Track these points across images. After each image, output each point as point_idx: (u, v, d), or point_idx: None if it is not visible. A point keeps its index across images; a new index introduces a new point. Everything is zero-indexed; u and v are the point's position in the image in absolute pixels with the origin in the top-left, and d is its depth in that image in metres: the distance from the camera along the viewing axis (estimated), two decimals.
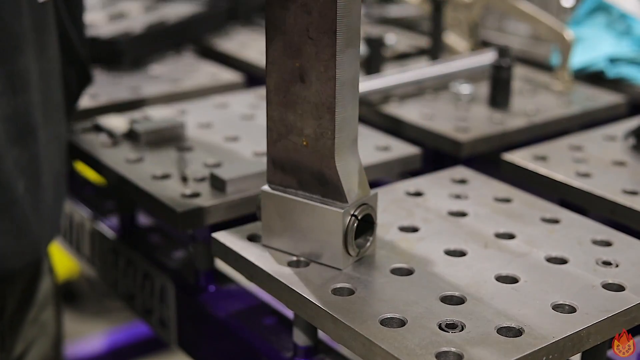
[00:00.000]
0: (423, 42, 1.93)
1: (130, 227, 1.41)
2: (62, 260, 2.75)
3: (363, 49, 1.61)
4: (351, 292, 0.93)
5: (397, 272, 0.97)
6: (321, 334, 1.04)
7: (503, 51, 1.48)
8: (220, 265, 1.24)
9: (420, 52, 1.87)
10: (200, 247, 1.22)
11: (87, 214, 1.49)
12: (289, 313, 1.16)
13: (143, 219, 1.43)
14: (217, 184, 1.16)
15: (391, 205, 1.14)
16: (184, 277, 1.27)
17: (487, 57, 1.64)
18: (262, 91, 1.58)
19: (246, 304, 1.20)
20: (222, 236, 1.04)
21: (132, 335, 2.77)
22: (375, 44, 1.61)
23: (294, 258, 0.99)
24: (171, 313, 1.27)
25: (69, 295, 3.53)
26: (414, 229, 1.08)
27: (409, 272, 0.98)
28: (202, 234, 1.20)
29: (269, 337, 1.12)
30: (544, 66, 1.77)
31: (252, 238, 1.03)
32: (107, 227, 1.43)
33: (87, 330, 3.44)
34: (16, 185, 1.13)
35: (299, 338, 1.05)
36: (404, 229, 1.07)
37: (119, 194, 1.38)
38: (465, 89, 1.54)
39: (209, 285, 1.23)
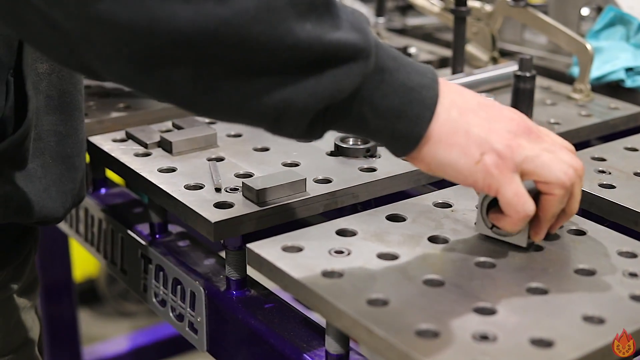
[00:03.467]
0: (442, 51, 1.96)
1: (160, 233, 1.43)
2: (84, 260, 2.79)
3: None
4: (385, 302, 0.95)
5: (429, 283, 1.00)
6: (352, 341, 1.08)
7: (525, 62, 1.50)
8: (251, 271, 1.27)
9: (440, 62, 1.90)
10: (231, 255, 1.24)
11: (117, 221, 1.52)
12: (320, 321, 1.19)
13: (172, 225, 1.46)
14: (250, 194, 1.19)
15: (420, 216, 1.16)
16: (215, 283, 1.29)
17: (509, 68, 1.66)
18: None
19: (277, 311, 1.22)
20: (256, 247, 1.06)
21: (154, 337, 2.79)
22: None
23: (329, 268, 1.02)
24: (202, 319, 1.30)
25: (90, 295, 3.57)
26: (444, 240, 1.10)
27: (440, 283, 1.00)
28: (233, 242, 1.23)
29: (300, 344, 1.15)
30: (560, 77, 1.79)
31: (287, 248, 1.06)
32: (137, 234, 1.46)
33: (108, 332, 3.48)
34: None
35: (331, 346, 1.07)
36: (433, 240, 1.10)
37: (151, 203, 1.40)
38: None
39: (240, 291, 1.26)
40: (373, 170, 1.30)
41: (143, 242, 1.43)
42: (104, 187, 1.63)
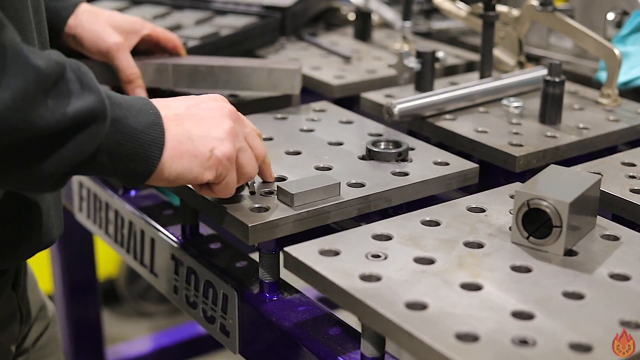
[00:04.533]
0: (468, 55, 1.96)
1: (191, 235, 1.44)
2: (103, 260, 2.80)
3: (415, 63, 1.64)
4: (424, 306, 0.96)
5: (466, 287, 1.01)
6: (388, 344, 1.09)
7: (555, 67, 1.50)
8: (285, 274, 1.28)
9: (467, 66, 1.91)
10: (265, 258, 1.25)
11: (148, 223, 1.53)
12: (354, 323, 1.20)
13: (202, 227, 1.47)
14: (285, 197, 1.20)
15: (454, 220, 1.17)
16: (248, 286, 1.30)
17: (537, 73, 1.67)
18: (317, 105, 1.62)
19: (311, 314, 1.23)
20: (294, 250, 1.07)
21: (176, 338, 2.81)
22: (428, 59, 1.64)
23: (367, 272, 1.02)
24: (234, 322, 1.31)
25: (110, 296, 3.58)
26: (480, 245, 1.11)
27: (478, 287, 1.01)
28: (267, 245, 1.24)
29: (335, 348, 1.15)
30: (586, 82, 1.80)
31: (324, 252, 1.07)
32: (168, 236, 1.47)
33: (127, 332, 3.50)
34: None
35: (367, 349, 1.08)
36: (469, 245, 1.11)
37: (183, 205, 1.41)
38: (515, 104, 1.57)
39: (273, 294, 1.27)
40: (405, 174, 1.31)
41: (174, 245, 1.45)
42: (134, 189, 1.64)
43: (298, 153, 1.39)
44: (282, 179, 1.29)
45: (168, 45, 1.63)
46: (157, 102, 1.07)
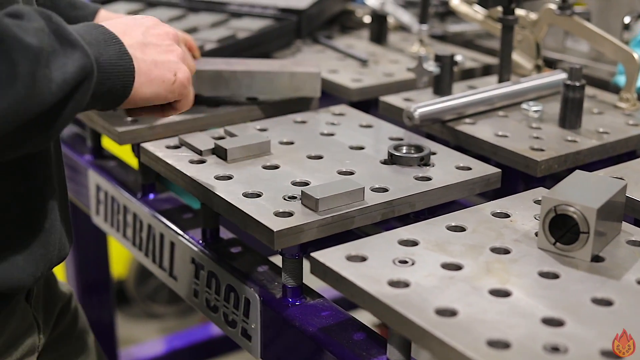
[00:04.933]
0: (484, 58, 1.96)
1: (212, 239, 1.44)
2: (112, 262, 2.80)
3: (434, 67, 1.64)
4: (454, 313, 0.96)
5: (495, 293, 1.00)
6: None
7: (575, 71, 1.50)
8: (307, 279, 1.28)
9: (484, 69, 1.91)
10: (288, 263, 1.25)
11: (167, 227, 1.53)
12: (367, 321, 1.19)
13: (223, 231, 1.47)
14: (309, 202, 1.20)
15: (480, 226, 1.17)
16: (270, 290, 1.30)
17: (556, 77, 1.67)
18: (336, 109, 1.62)
19: (334, 318, 1.23)
20: (321, 255, 1.07)
21: (189, 340, 2.81)
22: (447, 63, 1.64)
23: (395, 278, 1.02)
24: (256, 326, 1.30)
25: (119, 297, 3.58)
26: (506, 251, 1.11)
27: (506, 293, 1.00)
28: (290, 250, 1.23)
29: (360, 353, 1.15)
30: (603, 85, 1.79)
31: (351, 258, 1.07)
32: (188, 240, 1.47)
33: (136, 333, 3.50)
34: None
35: (393, 354, 1.08)
36: (496, 250, 1.10)
37: (204, 209, 1.41)
38: (535, 108, 1.57)
39: (296, 299, 1.27)
40: (428, 179, 1.31)
41: (195, 248, 1.44)
42: (152, 192, 1.64)
43: (320, 157, 1.39)
44: (305, 183, 1.29)
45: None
46: (113, 28, 1.10)
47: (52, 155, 1.20)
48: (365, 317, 1.33)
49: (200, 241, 1.45)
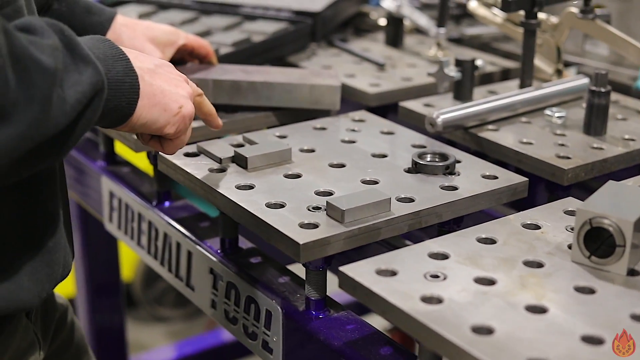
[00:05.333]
0: (502, 62, 1.93)
1: (230, 249, 1.41)
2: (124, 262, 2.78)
3: (455, 72, 1.61)
4: (490, 331, 0.93)
5: (532, 310, 0.97)
6: None
7: (601, 77, 1.47)
8: (331, 290, 1.25)
9: (502, 73, 1.88)
10: (312, 275, 1.22)
11: (184, 236, 1.50)
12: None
13: (242, 241, 1.44)
14: (335, 213, 1.17)
15: (510, 238, 1.14)
16: (292, 302, 1.27)
17: (579, 82, 1.64)
18: (356, 114, 1.59)
19: (360, 332, 1.20)
20: (350, 270, 1.04)
21: (199, 347, 2.78)
22: (468, 67, 1.61)
23: (427, 294, 0.99)
24: (278, 339, 1.27)
25: (125, 300, 3.55)
26: (539, 264, 1.07)
27: (543, 310, 0.97)
28: (314, 262, 1.20)
29: None
30: (624, 90, 1.76)
31: (381, 272, 1.04)
32: (206, 249, 1.44)
33: (143, 337, 3.47)
34: None
35: None
36: (529, 264, 1.07)
37: (223, 218, 1.38)
38: (558, 114, 1.54)
39: (319, 312, 1.24)
40: (454, 188, 1.28)
41: (213, 258, 1.41)
42: (167, 200, 1.61)
43: (342, 166, 1.36)
44: (329, 193, 1.25)
45: (201, 52, 1.60)
46: (125, 50, 1.08)
47: (56, 171, 1.16)
48: (376, 322, 1.30)
49: (219, 251, 1.42)
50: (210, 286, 1.43)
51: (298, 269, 1.40)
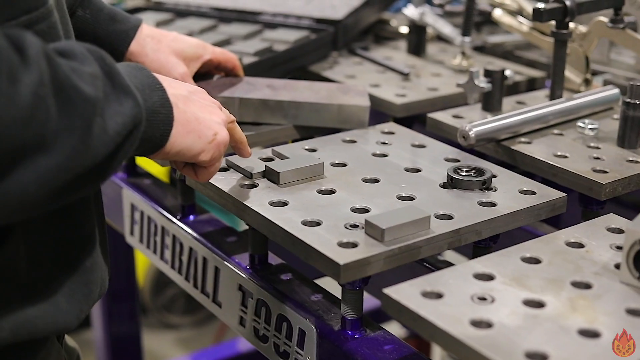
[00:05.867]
0: (527, 71, 1.90)
1: (260, 265, 1.38)
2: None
3: (485, 83, 1.58)
4: (544, 357, 0.90)
5: (585, 334, 0.94)
6: None
7: (636, 88, 1.44)
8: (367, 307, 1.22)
9: (528, 83, 1.85)
10: (349, 294, 1.19)
11: (211, 251, 1.47)
12: None
13: (271, 257, 1.41)
14: (374, 232, 1.13)
15: (555, 257, 1.11)
16: (327, 321, 1.24)
17: (610, 92, 1.61)
18: (385, 127, 1.56)
19: (398, 353, 1.17)
20: (395, 292, 1.01)
21: (215, 357, 2.75)
22: (497, 78, 1.58)
23: (477, 317, 0.96)
24: (312, 359, 1.24)
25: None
26: (587, 285, 1.05)
27: (596, 334, 0.94)
28: (353, 282, 1.17)
29: None
30: None
31: (426, 294, 1.01)
32: (235, 265, 1.41)
33: (152, 344, 3.44)
34: None
35: None
36: (577, 285, 1.04)
37: (253, 234, 1.35)
38: (591, 126, 1.51)
39: (355, 332, 1.21)
40: (493, 204, 1.25)
41: (242, 275, 1.38)
42: (192, 213, 1.58)
43: (376, 181, 1.32)
44: (365, 210, 1.22)
45: (227, 65, 1.57)
46: (159, 77, 1.06)
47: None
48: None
49: (248, 267, 1.39)
50: (238, 303, 1.40)
51: (326, 283, 1.37)
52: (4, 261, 1.00)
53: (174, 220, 1.58)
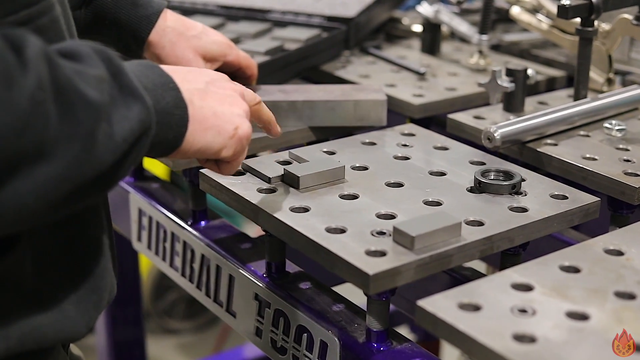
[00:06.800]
0: (545, 70, 1.84)
1: (277, 273, 1.32)
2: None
3: (508, 83, 1.52)
4: None
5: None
6: None
7: None
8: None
9: (548, 82, 1.79)
10: (375, 305, 1.13)
11: (224, 258, 1.41)
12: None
13: (288, 264, 1.35)
14: (403, 239, 1.08)
15: (595, 266, 1.05)
16: (350, 333, 1.18)
17: (635, 92, 1.56)
18: (405, 128, 1.50)
19: None
20: (430, 304, 0.95)
21: None
22: (520, 77, 1.52)
23: (519, 332, 0.91)
24: None
25: None
26: (631, 296, 0.99)
27: None
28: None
29: None
30: None
31: (463, 306, 0.95)
32: (251, 273, 1.35)
33: (152, 349, 3.38)
34: None
35: None
36: (620, 295, 0.99)
37: (272, 241, 1.29)
38: (618, 127, 1.46)
39: (381, 344, 1.15)
40: (524, 210, 1.19)
41: (259, 284, 1.32)
42: (204, 219, 1.52)
43: (400, 185, 1.27)
44: (391, 216, 1.17)
45: (246, 72, 1.50)
46: (175, 74, 0.99)
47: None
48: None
49: (265, 275, 1.33)
50: (254, 313, 1.34)
51: (345, 291, 1.32)
52: (10, 268, 0.94)
53: (185, 226, 1.52)
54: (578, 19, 1.51)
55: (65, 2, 1.03)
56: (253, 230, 2.17)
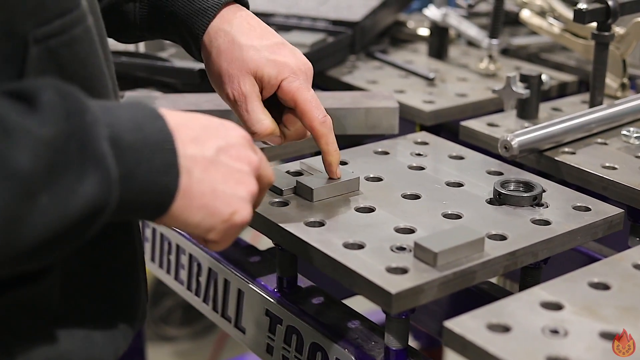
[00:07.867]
0: (557, 75, 1.80)
1: (288, 288, 1.28)
2: None
3: (523, 89, 1.48)
4: None
5: None
6: None
7: None
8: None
9: (560, 87, 1.75)
10: (395, 323, 1.09)
11: (233, 272, 1.36)
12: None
13: (300, 278, 1.30)
14: (425, 255, 1.03)
15: (625, 282, 1.01)
16: (367, 352, 1.14)
17: None
18: (417, 136, 1.46)
19: None
20: (458, 325, 0.91)
21: None
22: (534, 83, 1.48)
23: (553, 354, 0.86)
24: None
25: None
26: None
27: None
28: None
29: None
30: None
31: (492, 327, 0.91)
32: (261, 288, 1.30)
33: (149, 357, 3.32)
34: None
35: None
36: None
37: (283, 255, 1.25)
38: (637, 134, 1.42)
39: None
40: (547, 223, 1.15)
41: (270, 299, 1.28)
42: None
43: (417, 197, 1.22)
44: (410, 230, 1.12)
45: (304, 121, 1.17)
46: (181, 132, 0.85)
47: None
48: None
49: (276, 290, 1.28)
50: (265, 329, 1.29)
51: (357, 302, 1.27)
52: (39, 294, 0.89)
53: (190, 238, 1.47)
54: (594, 24, 1.47)
55: (97, 13, 0.95)
56: (256, 239, 2.13)
